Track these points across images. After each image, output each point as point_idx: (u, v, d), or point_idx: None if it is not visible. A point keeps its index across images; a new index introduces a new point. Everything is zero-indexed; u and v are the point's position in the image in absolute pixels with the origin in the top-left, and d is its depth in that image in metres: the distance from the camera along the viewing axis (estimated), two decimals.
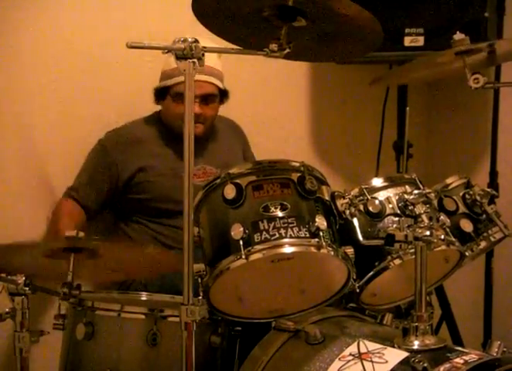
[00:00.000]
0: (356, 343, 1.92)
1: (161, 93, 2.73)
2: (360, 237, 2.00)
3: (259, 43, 1.90)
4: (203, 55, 1.79)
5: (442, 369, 1.78)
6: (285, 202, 1.90)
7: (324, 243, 1.86)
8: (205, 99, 2.68)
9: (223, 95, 2.74)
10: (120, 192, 2.71)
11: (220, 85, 2.71)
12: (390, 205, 2.03)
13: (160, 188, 2.69)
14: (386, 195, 2.05)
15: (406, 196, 2.02)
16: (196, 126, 2.64)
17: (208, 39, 2.56)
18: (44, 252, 1.95)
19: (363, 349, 1.88)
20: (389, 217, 2.02)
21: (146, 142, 2.75)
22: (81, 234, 2.04)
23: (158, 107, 2.81)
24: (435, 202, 2.07)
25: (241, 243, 1.84)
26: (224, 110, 2.83)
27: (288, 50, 1.90)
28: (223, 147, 2.87)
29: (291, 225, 1.87)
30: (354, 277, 1.95)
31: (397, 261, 1.99)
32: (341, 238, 1.96)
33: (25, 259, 1.99)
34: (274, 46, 1.90)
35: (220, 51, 2.55)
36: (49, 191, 2.78)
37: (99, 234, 2.82)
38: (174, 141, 2.69)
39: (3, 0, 2.67)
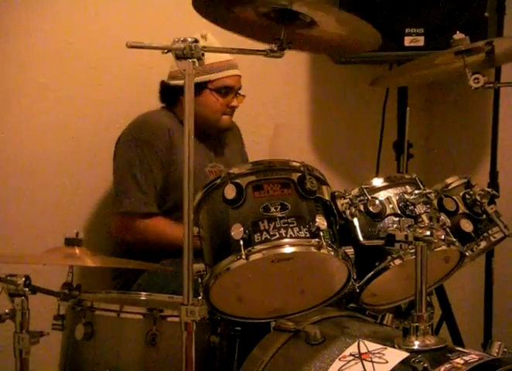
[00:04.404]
0: (356, 343, 1.91)
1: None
2: (361, 237, 1.99)
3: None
4: (203, 54, 1.79)
5: (442, 369, 1.78)
6: (285, 202, 1.89)
7: (324, 243, 1.86)
8: (237, 92, 2.72)
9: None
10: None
11: None
12: (391, 206, 2.02)
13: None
14: (386, 196, 2.05)
15: (406, 196, 2.02)
16: (228, 118, 2.74)
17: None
18: None
19: (363, 349, 1.88)
20: (389, 217, 2.02)
21: (173, 134, 2.66)
22: (81, 235, 2.05)
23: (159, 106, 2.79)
24: (435, 202, 2.07)
25: (241, 243, 1.84)
26: None
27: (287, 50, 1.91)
28: (229, 146, 2.87)
29: (291, 225, 1.86)
30: (354, 277, 1.95)
31: (398, 261, 1.98)
32: (341, 238, 1.96)
33: None
34: (274, 46, 1.90)
35: (220, 51, 2.55)
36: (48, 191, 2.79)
37: None
38: (199, 137, 2.58)
39: (3, 0, 2.67)
